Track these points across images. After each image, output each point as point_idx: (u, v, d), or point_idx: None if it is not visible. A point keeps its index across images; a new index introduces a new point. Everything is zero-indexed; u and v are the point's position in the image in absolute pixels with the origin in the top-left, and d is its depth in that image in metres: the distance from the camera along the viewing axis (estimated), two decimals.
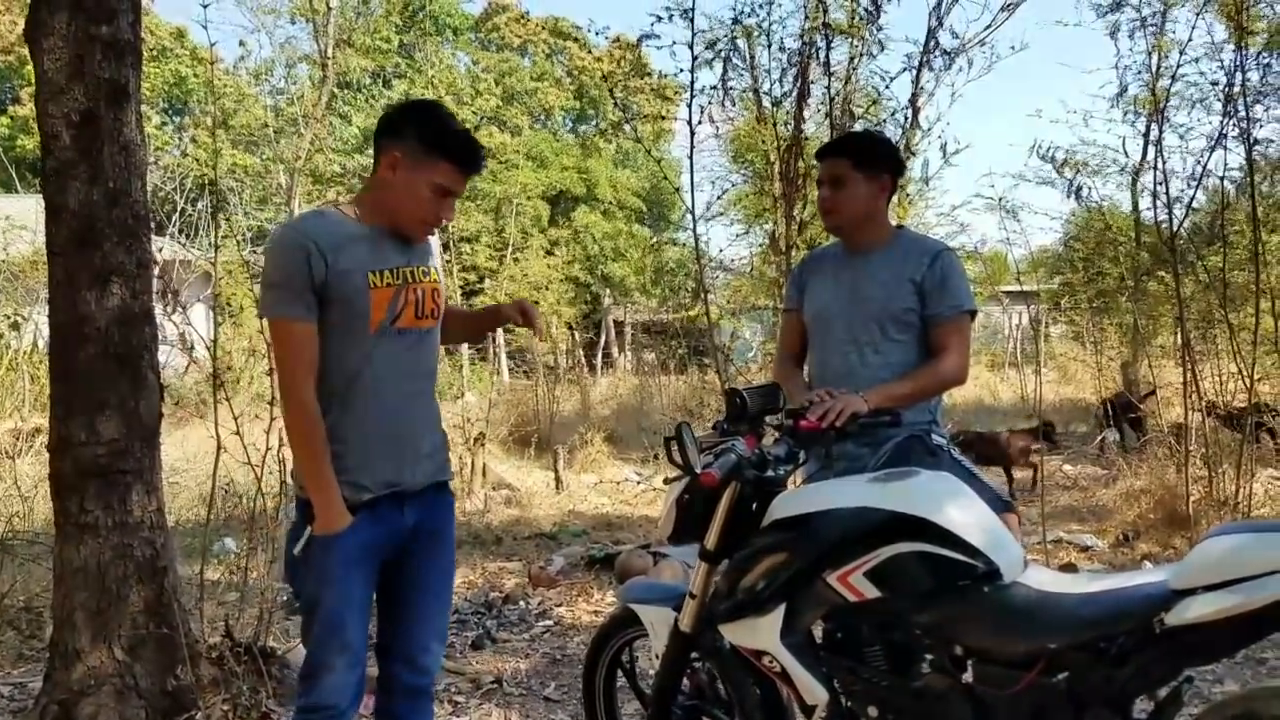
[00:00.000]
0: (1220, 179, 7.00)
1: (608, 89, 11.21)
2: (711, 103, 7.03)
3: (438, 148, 2.32)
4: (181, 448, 8.45)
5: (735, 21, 7.07)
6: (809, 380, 3.05)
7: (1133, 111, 8.83)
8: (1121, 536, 6.41)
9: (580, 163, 28.71)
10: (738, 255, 15.63)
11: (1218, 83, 7.12)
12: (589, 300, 27.64)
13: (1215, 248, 7.44)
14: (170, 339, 4.46)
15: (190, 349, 4.18)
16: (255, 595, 4.05)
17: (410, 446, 2.43)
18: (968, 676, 2.10)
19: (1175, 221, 6.58)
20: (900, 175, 3.11)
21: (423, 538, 2.50)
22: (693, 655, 2.64)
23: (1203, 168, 6.62)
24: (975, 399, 15.69)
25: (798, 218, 7.43)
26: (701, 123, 6.67)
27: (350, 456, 2.34)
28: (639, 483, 9.86)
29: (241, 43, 30.72)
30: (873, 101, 7.79)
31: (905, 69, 7.61)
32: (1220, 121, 6.48)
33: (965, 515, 2.13)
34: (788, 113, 7.42)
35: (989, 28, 8.12)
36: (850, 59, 7.53)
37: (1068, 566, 5.62)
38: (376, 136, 2.41)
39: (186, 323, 4.30)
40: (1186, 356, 6.41)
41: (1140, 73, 8.57)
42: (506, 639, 4.84)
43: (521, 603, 5.45)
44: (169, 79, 27.38)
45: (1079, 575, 2.22)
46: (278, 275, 2.28)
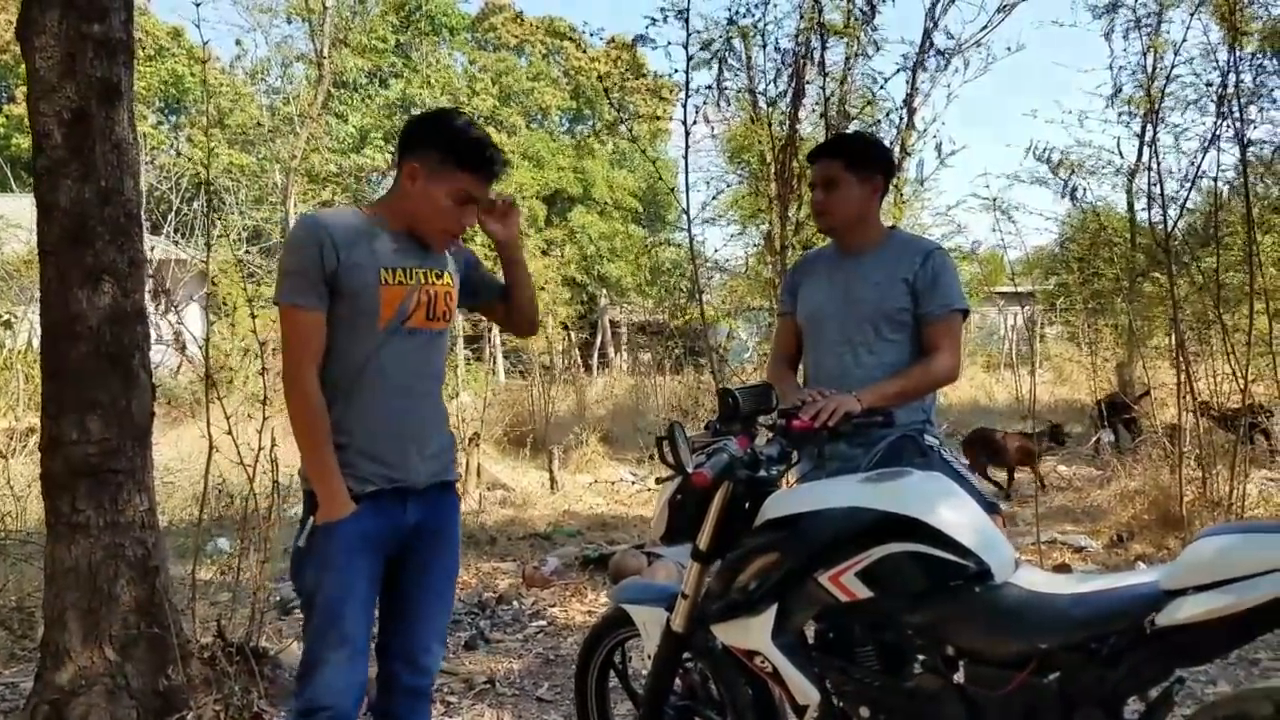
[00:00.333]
0: (1214, 180, 7.02)
1: (603, 89, 11.20)
2: (706, 103, 7.02)
3: (453, 159, 2.36)
4: (176, 447, 8.44)
5: (730, 22, 7.06)
6: (803, 382, 3.05)
7: (1127, 112, 8.83)
8: (1115, 537, 6.41)
9: (576, 163, 28.69)
10: (733, 255, 15.64)
11: (1212, 84, 7.14)
12: (585, 300, 27.63)
13: (1210, 249, 7.45)
14: (165, 338, 4.46)
15: (183, 348, 4.17)
16: (248, 595, 4.03)
17: (414, 444, 2.43)
18: (959, 677, 2.11)
19: (1170, 222, 6.60)
20: (892, 176, 3.11)
21: (426, 537, 2.50)
22: (685, 655, 2.63)
23: (1197, 168, 6.65)
24: (970, 399, 15.73)
25: (793, 218, 7.43)
26: (696, 123, 6.66)
27: (353, 449, 2.37)
28: (634, 483, 9.87)
29: (238, 42, 30.62)
30: (868, 102, 7.78)
31: (900, 69, 7.61)
32: (1214, 122, 6.50)
33: (957, 515, 2.13)
34: (783, 113, 7.42)
35: (985, 29, 8.14)
36: (845, 59, 7.53)
37: (1061, 567, 5.63)
38: (398, 148, 2.47)
39: (180, 322, 4.29)
40: (1181, 357, 6.42)
41: (1135, 73, 8.56)
42: (500, 639, 4.83)
43: (515, 603, 5.44)
44: (165, 78, 27.32)
45: (1070, 576, 2.22)
46: (291, 263, 2.33)
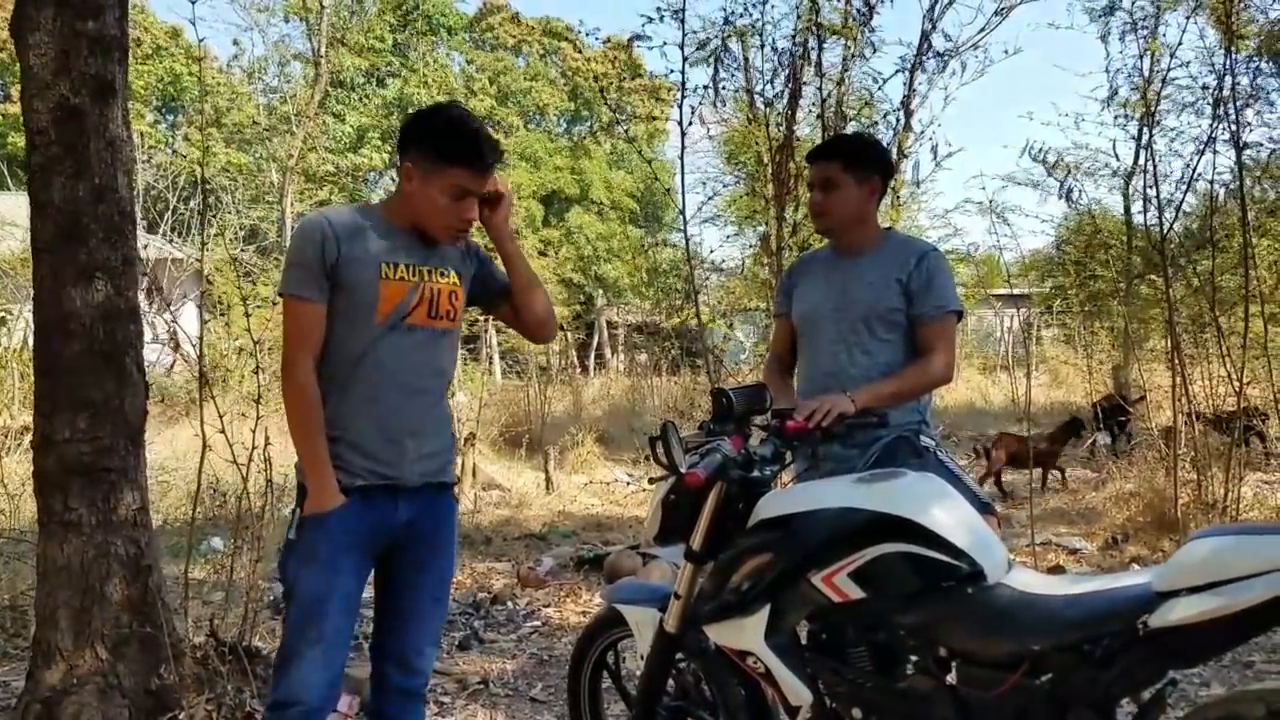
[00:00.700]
0: (1210, 183, 7.03)
1: (599, 89, 11.20)
2: (703, 103, 7.01)
3: (445, 154, 2.36)
4: (170, 446, 8.41)
5: (727, 22, 7.05)
6: (798, 382, 3.06)
7: (1124, 115, 8.85)
8: (1110, 539, 6.42)
9: (574, 163, 28.71)
10: (730, 256, 15.65)
11: (1208, 87, 7.15)
12: (582, 301, 27.65)
13: (1205, 252, 7.46)
14: (161, 336, 4.45)
15: (177, 347, 4.17)
16: (241, 595, 4.02)
17: (408, 442, 2.42)
18: (952, 678, 2.10)
19: (1166, 225, 6.60)
20: (890, 178, 3.11)
21: (420, 538, 2.49)
22: (678, 656, 2.63)
23: (1193, 171, 6.64)
24: (966, 401, 15.73)
25: (789, 219, 7.43)
26: (692, 124, 6.65)
27: (345, 443, 2.37)
28: (630, 484, 9.86)
29: (235, 41, 30.73)
30: (865, 104, 7.79)
31: (898, 71, 7.63)
32: (1210, 125, 6.51)
33: (950, 516, 2.13)
34: (780, 114, 7.42)
35: (982, 31, 8.15)
36: (843, 60, 7.54)
37: (1056, 569, 5.63)
38: (398, 148, 2.48)
39: (174, 321, 4.28)
40: (1176, 360, 6.43)
41: (1131, 76, 8.57)
42: (494, 639, 4.83)
43: (510, 603, 5.44)
44: (163, 77, 27.31)
45: (1063, 577, 2.22)
46: (294, 255, 2.37)
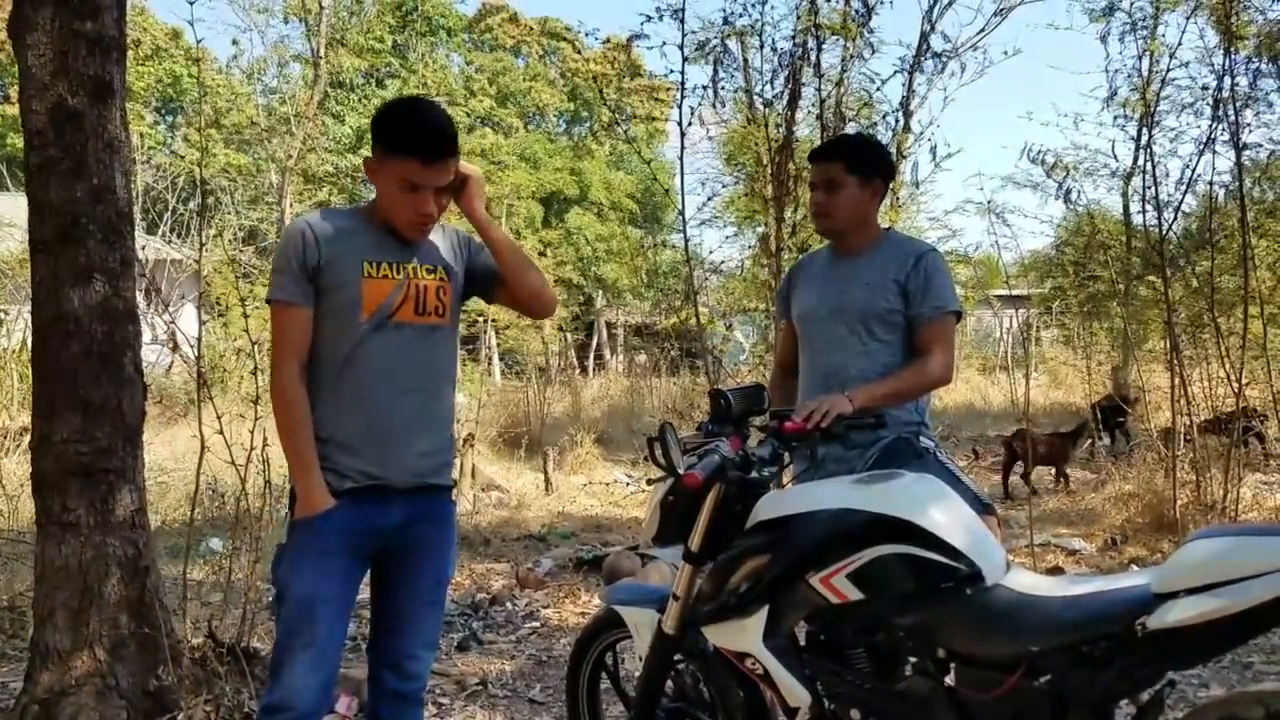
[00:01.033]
0: (1210, 183, 7.03)
1: (598, 90, 11.20)
2: (702, 103, 7.02)
3: (391, 146, 2.34)
4: (168, 447, 8.41)
5: (726, 22, 7.06)
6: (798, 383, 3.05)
7: (1123, 115, 8.84)
8: (1109, 540, 6.42)
9: (574, 164, 28.72)
10: (729, 257, 15.65)
11: (1207, 87, 7.14)
12: (581, 301, 27.65)
13: (1205, 252, 7.46)
14: (159, 337, 4.45)
15: (175, 347, 4.16)
16: (239, 596, 4.02)
17: (398, 442, 2.40)
18: (950, 679, 2.10)
19: (1165, 226, 6.60)
20: (892, 179, 3.10)
21: (413, 541, 2.47)
22: (676, 657, 2.63)
23: (1192, 172, 6.64)
24: (965, 402, 15.73)
25: (789, 220, 7.44)
26: (692, 124, 6.66)
27: (334, 444, 2.36)
28: (629, 484, 9.86)
29: (234, 41, 30.67)
30: (864, 104, 7.80)
31: (897, 72, 7.64)
32: (1210, 126, 6.51)
33: (948, 517, 2.13)
34: (779, 115, 7.42)
35: (981, 32, 8.16)
36: (842, 61, 7.54)
37: (1055, 570, 5.63)
38: None
39: (172, 321, 4.28)
40: (1175, 361, 6.43)
41: (1130, 77, 8.57)
42: (492, 640, 4.82)
43: (508, 604, 5.44)
44: (163, 78, 27.31)
45: (1062, 578, 2.22)
46: (278, 261, 2.38)
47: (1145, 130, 7.60)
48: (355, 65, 27.67)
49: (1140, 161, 9.26)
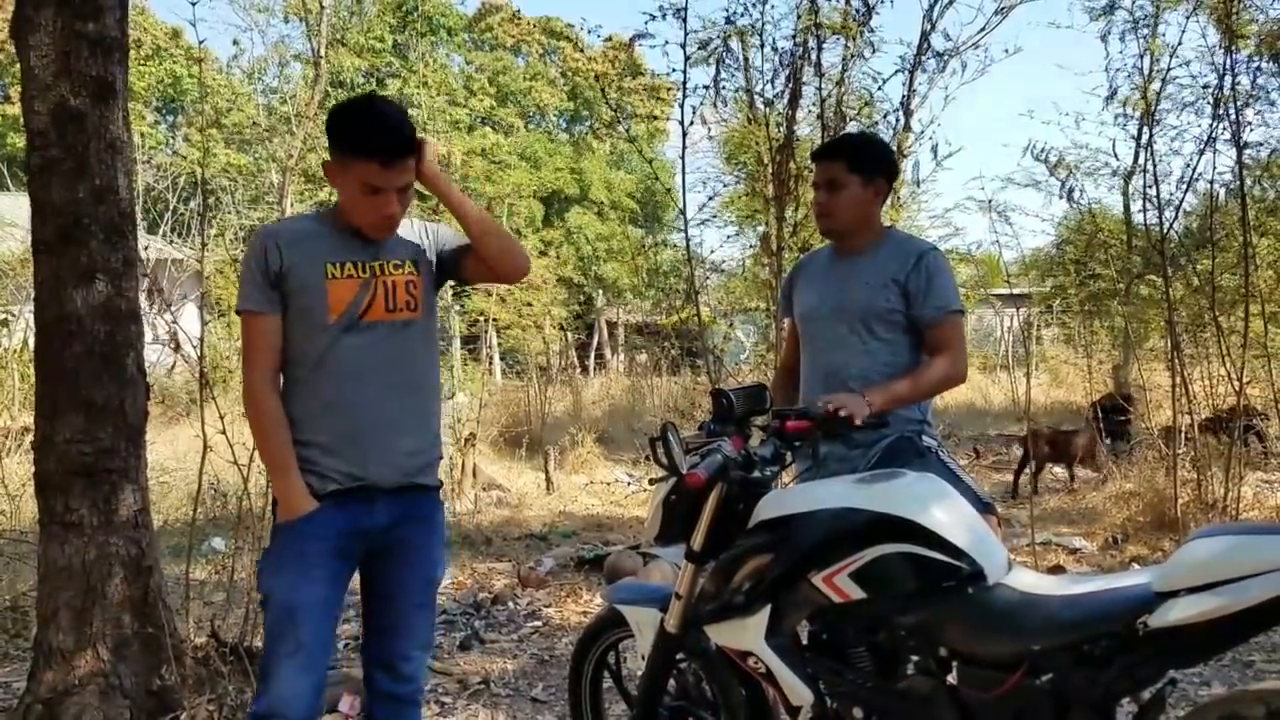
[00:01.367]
0: (1211, 182, 7.03)
1: (600, 89, 11.20)
2: (704, 103, 7.03)
3: (346, 147, 2.32)
4: (170, 446, 8.42)
5: (728, 21, 7.06)
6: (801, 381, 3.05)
7: (1124, 114, 8.84)
8: (1110, 539, 6.42)
9: (574, 163, 28.70)
10: (730, 257, 15.64)
11: (1208, 86, 7.14)
12: (582, 301, 27.63)
13: (1205, 251, 7.46)
14: (161, 337, 4.45)
15: (177, 347, 4.17)
16: (242, 595, 4.03)
17: (380, 442, 2.38)
18: (952, 678, 2.11)
19: (1166, 225, 6.60)
20: (895, 178, 3.09)
21: (400, 543, 2.46)
22: (678, 656, 2.63)
23: (1193, 171, 6.64)
24: (966, 401, 15.72)
25: (790, 219, 7.44)
26: (694, 123, 6.67)
27: (314, 446, 2.36)
28: (630, 484, 9.86)
29: (235, 41, 30.64)
30: (865, 103, 7.80)
31: (898, 71, 7.64)
32: (1211, 125, 6.51)
33: (950, 516, 2.13)
34: (780, 114, 7.43)
35: (982, 31, 8.16)
36: (843, 60, 7.54)
37: (1056, 569, 5.63)
38: None
39: (174, 321, 4.28)
40: (1176, 360, 6.43)
41: (1131, 75, 8.57)
42: (494, 640, 4.83)
43: (510, 603, 5.44)
44: (163, 78, 27.30)
45: (1063, 577, 2.22)
46: (244, 272, 2.39)
47: (1146, 129, 7.60)
48: (356, 65, 27.63)
49: (1141, 160, 9.28)
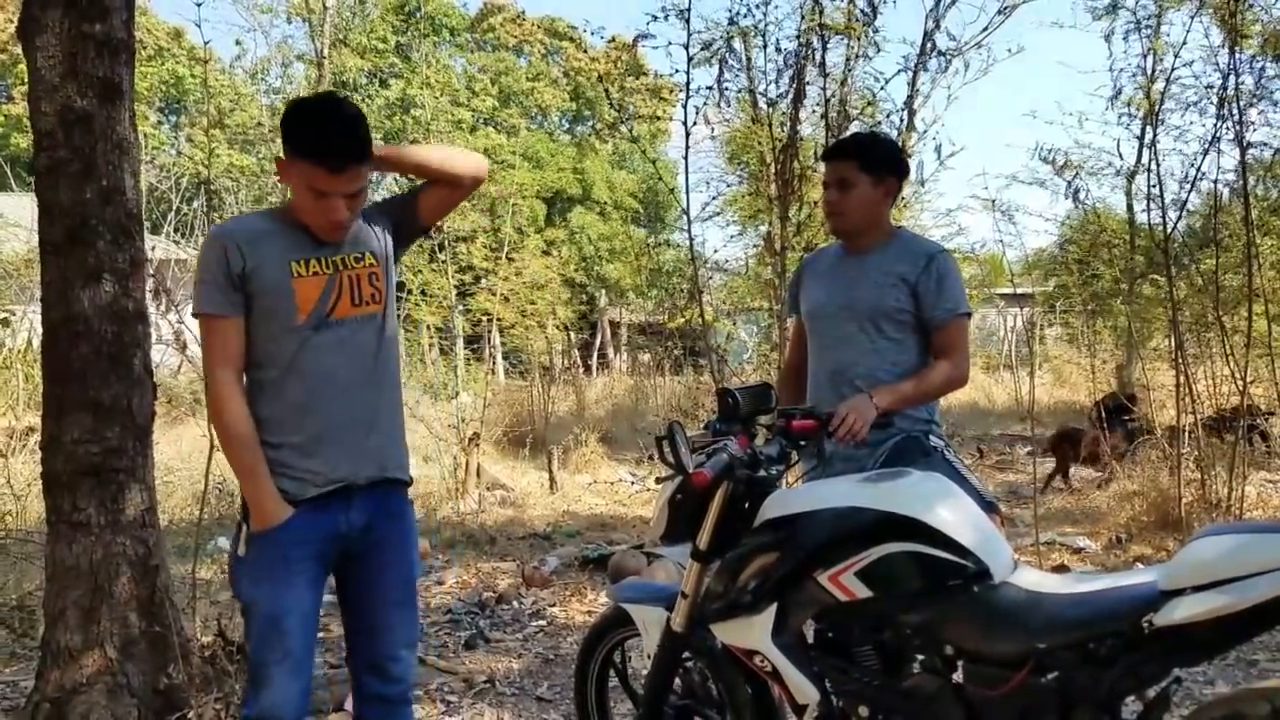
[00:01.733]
0: (1214, 182, 7.03)
1: (603, 89, 11.20)
2: (707, 103, 7.03)
3: (295, 148, 2.26)
4: (175, 446, 8.44)
5: (731, 22, 7.07)
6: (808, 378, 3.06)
7: (1127, 114, 8.83)
8: (1114, 539, 6.41)
9: (576, 163, 28.71)
10: (733, 256, 15.63)
11: (1212, 86, 7.14)
12: (584, 301, 27.64)
13: (1209, 251, 7.46)
14: (165, 338, 4.46)
15: (184, 348, 4.18)
16: None
17: (355, 439, 2.36)
18: (958, 676, 2.11)
19: (1169, 224, 6.60)
20: (905, 177, 3.09)
21: (376, 543, 2.44)
22: (684, 655, 2.64)
23: (1197, 170, 6.64)
24: (969, 401, 15.71)
25: (793, 219, 7.44)
26: (697, 124, 6.67)
27: (292, 450, 2.31)
28: (633, 483, 9.87)
29: (238, 41, 30.66)
30: (868, 103, 7.80)
31: (901, 70, 7.64)
32: (1214, 124, 6.51)
33: (955, 515, 2.14)
34: (783, 114, 7.43)
35: (985, 30, 8.16)
36: (846, 60, 7.55)
37: (1060, 568, 5.63)
38: None
39: (180, 321, 4.30)
40: (1180, 360, 6.43)
41: (1135, 75, 8.56)
42: (499, 639, 4.84)
43: (515, 603, 5.45)
44: (166, 79, 27.34)
45: (1068, 576, 2.22)
46: (201, 273, 2.30)
47: (1150, 128, 7.60)
48: (358, 65, 27.67)
49: (1144, 160, 9.28)
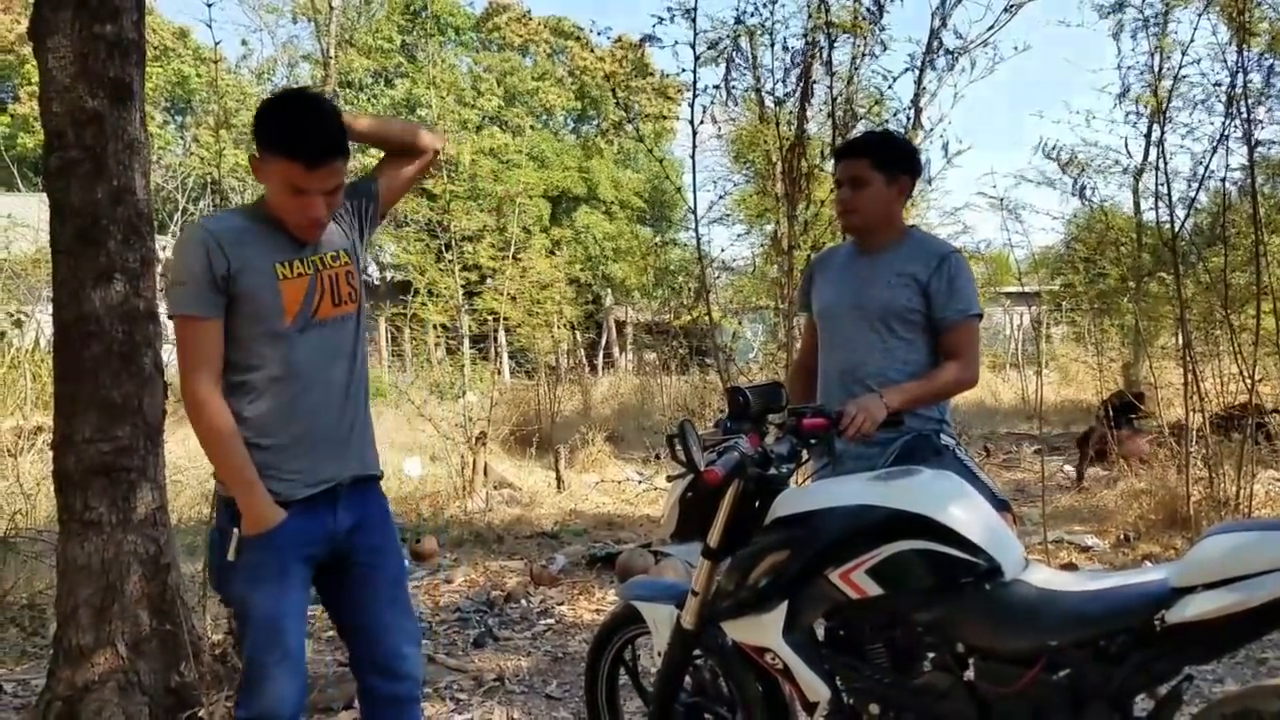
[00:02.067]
0: (1222, 180, 7.01)
1: (610, 89, 11.20)
2: (714, 102, 7.03)
3: (268, 144, 2.22)
4: (184, 445, 8.44)
5: (738, 21, 7.07)
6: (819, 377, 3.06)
7: (1135, 112, 8.83)
8: (1122, 537, 6.40)
9: (582, 163, 28.72)
10: (740, 255, 15.65)
11: (1220, 84, 7.13)
12: (590, 300, 27.64)
13: (1216, 249, 7.45)
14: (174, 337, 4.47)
15: None
16: None
17: (339, 437, 2.38)
18: (969, 674, 2.11)
19: (1177, 222, 6.59)
20: (918, 176, 3.09)
21: (362, 547, 2.44)
22: (695, 653, 2.65)
23: (1205, 168, 6.64)
24: (976, 400, 15.69)
25: (800, 217, 7.44)
26: (704, 123, 6.67)
27: (280, 452, 2.30)
28: (640, 482, 9.87)
29: (244, 41, 30.77)
30: (875, 101, 7.79)
31: (908, 69, 7.63)
32: (1222, 122, 6.50)
33: (967, 513, 2.14)
34: (790, 112, 7.43)
35: (992, 28, 8.14)
36: (853, 59, 7.54)
37: (1068, 566, 5.63)
38: None
39: None
40: (1187, 358, 6.42)
41: (1142, 73, 8.56)
42: (508, 637, 4.85)
43: (523, 601, 5.46)
44: (172, 78, 27.39)
45: (1080, 573, 2.23)
46: (179, 273, 2.25)
47: (1157, 127, 7.59)
48: (364, 65, 27.70)
49: (1152, 158, 9.26)
